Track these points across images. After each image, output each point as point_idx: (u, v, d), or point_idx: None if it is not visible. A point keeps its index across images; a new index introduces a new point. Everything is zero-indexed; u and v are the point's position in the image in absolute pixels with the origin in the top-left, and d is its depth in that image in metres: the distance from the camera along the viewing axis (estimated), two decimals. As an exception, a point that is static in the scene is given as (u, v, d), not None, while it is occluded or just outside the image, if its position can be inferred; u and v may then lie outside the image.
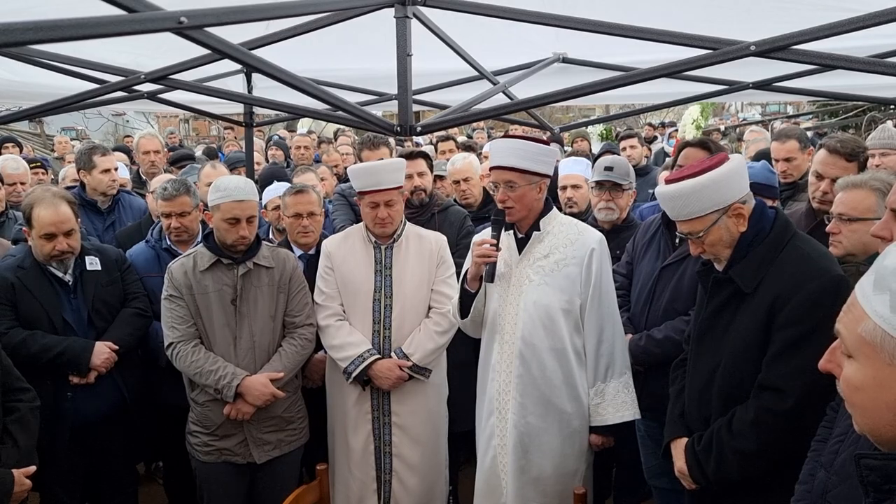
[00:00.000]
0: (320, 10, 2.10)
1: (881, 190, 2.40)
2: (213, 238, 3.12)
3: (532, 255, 2.81)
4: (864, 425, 1.14)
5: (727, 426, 2.20)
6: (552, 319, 2.76)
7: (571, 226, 2.86)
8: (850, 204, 2.48)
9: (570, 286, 2.76)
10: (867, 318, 1.09)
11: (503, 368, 2.82)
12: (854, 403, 1.14)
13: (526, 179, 2.72)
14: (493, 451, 2.87)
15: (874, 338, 1.07)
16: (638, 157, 6.75)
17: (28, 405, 2.71)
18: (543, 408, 2.77)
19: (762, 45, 1.88)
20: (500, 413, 2.83)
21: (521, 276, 2.81)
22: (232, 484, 3.14)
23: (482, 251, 2.73)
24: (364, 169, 3.23)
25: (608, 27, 2.17)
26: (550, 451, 2.78)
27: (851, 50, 2.48)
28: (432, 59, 2.89)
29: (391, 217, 3.16)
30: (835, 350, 1.20)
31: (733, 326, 2.24)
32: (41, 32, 1.23)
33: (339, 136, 10.15)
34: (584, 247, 2.77)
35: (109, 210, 4.59)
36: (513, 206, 2.75)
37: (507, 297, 2.83)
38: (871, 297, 1.09)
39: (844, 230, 2.48)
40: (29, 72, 3.28)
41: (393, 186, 3.15)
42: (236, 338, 3.07)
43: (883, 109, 8.93)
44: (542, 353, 2.76)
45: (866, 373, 1.10)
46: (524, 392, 2.77)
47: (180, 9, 1.45)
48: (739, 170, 2.23)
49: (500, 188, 2.77)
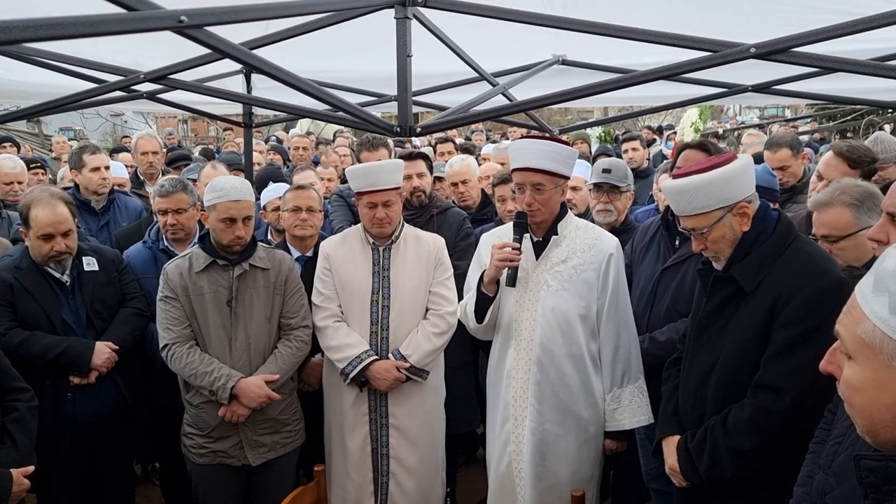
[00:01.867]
0: (320, 11, 2.10)
1: (853, 203, 2.39)
2: (208, 239, 3.11)
3: (549, 260, 2.79)
4: (863, 426, 1.14)
5: (722, 424, 2.20)
6: (570, 325, 2.74)
7: (588, 230, 2.85)
8: (829, 225, 2.46)
9: (587, 292, 2.75)
10: (867, 319, 1.09)
11: (520, 375, 2.80)
12: (854, 404, 1.14)
13: (553, 182, 2.70)
14: (509, 457, 2.85)
15: (873, 339, 1.08)
16: (640, 160, 6.76)
17: (26, 405, 2.70)
18: (561, 414, 2.76)
19: (762, 47, 1.88)
20: (517, 420, 2.81)
21: (538, 281, 2.79)
22: (227, 486, 3.13)
23: (504, 255, 2.68)
24: (362, 169, 3.22)
25: (608, 29, 2.17)
26: (567, 458, 2.78)
27: (851, 53, 2.48)
28: (432, 60, 2.89)
29: (389, 217, 3.15)
30: (835, 351, 1.20)
31: (732, 325, 2.24)
32: (40, 30, 1.23)
33: (338, 137, 10.14)
34: (601, 252, 2.76)
35: (104, 210, 4.57)
36: (539, 209, 2.71)
37: (523, 303, 2.81)
38: (871, 299, 1.09)
39: (833, 249, 2.46)
40: (27, 71, 3.26)
41: (391, 187, 3.14)
42: (232, 339, 3.06)
43: (881, 113, 8.93)
44: (559, 360, 2.74)
45: (865, 374, 1.10)
46: (542, 399, 2.76)
47: (181, 7, 1.45)
48: (747, 169, 2.24)
49: (525, 190, 2.70)
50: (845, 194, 2.44)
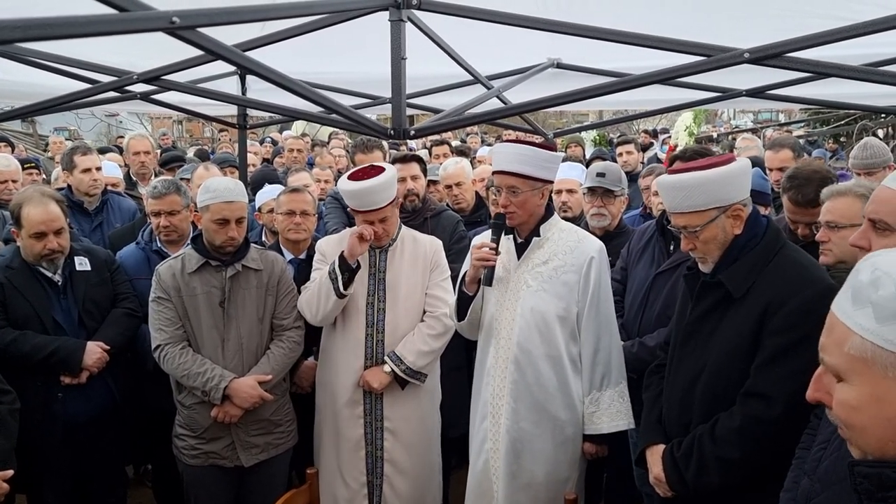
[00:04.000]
0: (315, 13, 2.09)
1: (866, 196, 2.41)
2: (201, 240, 3.10)
3: (531, 261, 2.80)
4: (866, 446, 1.12)
5: (710, 433, 2.16)
6: (548, 326, 2.75)
7: (571, 232, 2.85)
8: (837, 212, 2.49)
9: (567, 293, 2.75)
10: (852, 334, 1.08)
11: (498, 373, 2.82)
12: (854, 426, 1.12)
13: (529, 185, 2.71)
14: (486, 454, 2.86)
15: (864, 353, 1.07)
16: (634, 163, 6.77)
17: (7, 407, 2.68)
18: (537, 414, 2.76)
19: (756, 52, 1.89)
20: (494, 417, 2.83)
21: (518, 282, 2.80)
22: (219, 488, 3.12)
23: (481, 254, 2.71)
24: (356, 192, 3.07)
25: (602, 33, 2.17)
26: (543, 458, 2.77)
27: (844, 58, 2.50)
28: (427, 62, 2.89)
29: (387, 231, 3.13)
30: (820, 378, 1.18)
31: (719, 331, 2.21)
32: (30, 31, 1.22)
33: (333, 138, 10.14)
34: (583, 255, 2.77)
35: (97, 211, 4.55)
36: (514, 211, 2.73)
37: (504, 302, 2.82)
38: (853, 313, 1.09)
39: (834, 238, 2.48)
40: (21, 71, 3.25)
41: (385, 204, 3.07)
42: (224, 340, 3.05)
43: (874, 117, 8.97)
44: (537, 360, 2.75)
45: (862, 390, 1.09)
46: (518, 397, 2.76)
47: (173, 8, 1.44)
48: (745, 171, 2.22)
49: (502, 192, 2.75)
50: (861, 186, 2.49)
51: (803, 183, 3.00)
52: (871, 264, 1.11)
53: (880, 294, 1.06)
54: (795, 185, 3.03)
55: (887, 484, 1.10)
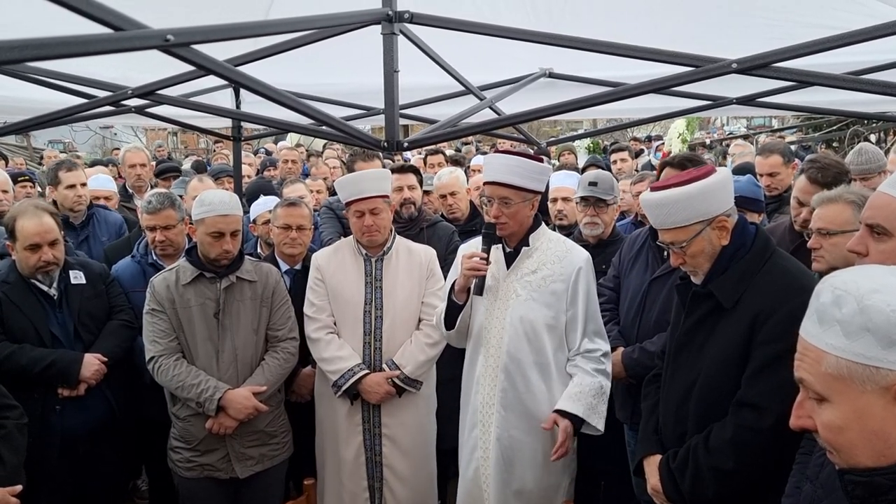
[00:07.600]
0: (307, 28, 2.11)
1: (857, 203, 2.43)
2: (195, 252, 3.11)
3: (520, 270, 2.82)
4: (858, 463, 1.13)
5: (704, 443, 2.16)
6: (537, 334, 2.77)
7: (560, 242, 2.88)
8: (828, 218, 2.51)
9: (555, 302, 2.78)
10: (826, 355, 1.11)
11: (487, 382, 2.83)
12: (843, 447, 1.14)
13: (521, 196, 2.74)
14: (476, 462, 2.87)
15: (840, 371, 1.10)
16: (628, 171, 6.79)
17: (14, 422, 2.68)
18: (527, 422, 2.77)
19: (743, 62, 1.90)
20: (484, 426, 2.84)
21: (508, 291, 2.82)
22: (215, 500, 3.11)
23: (472, 264, 2.73)
24: (349, 179, 3.26)
25: (594, 44, 2.19)
26: (533, 465, 2.78)
27: (832, 66, 2.53)
28: (419, 73, 2.91)
29: (377, 225, 3.16)
30: (801, 404, 1.20)
31: (711, 342, 2.21)
32: (27, 51, 1.23)
33: (327, 149, 10.15)
34: (571, 265, 2.79)
35: (83, 225, 4.52)
36: (506, 221, 2.76)
37: (493, 311, 2.84)
38: (821, 335, 1.12)
39: (825, 244, 2.50)
40: (16, 86, 3.26)
41: (377, 195, 3.15)
42: (219, 351, 3.06)
43: (866, 123, 9.03)
44: (526, 368, 2.77)
45: (844, 408, 1.11)
46: (508, 406, 2.78)
47: (167, 27, 1.45)
48: (726, 182, 2.22)
49: (493, 203, 2.77)
50: (851, 193, 2.51)
51: (825, 166, 3.17)
52: (829, 286, 1.15)
53: (844, 312, 1.10)
54: (817, 167, 3.19)
55: (879, 490, 1.12)
